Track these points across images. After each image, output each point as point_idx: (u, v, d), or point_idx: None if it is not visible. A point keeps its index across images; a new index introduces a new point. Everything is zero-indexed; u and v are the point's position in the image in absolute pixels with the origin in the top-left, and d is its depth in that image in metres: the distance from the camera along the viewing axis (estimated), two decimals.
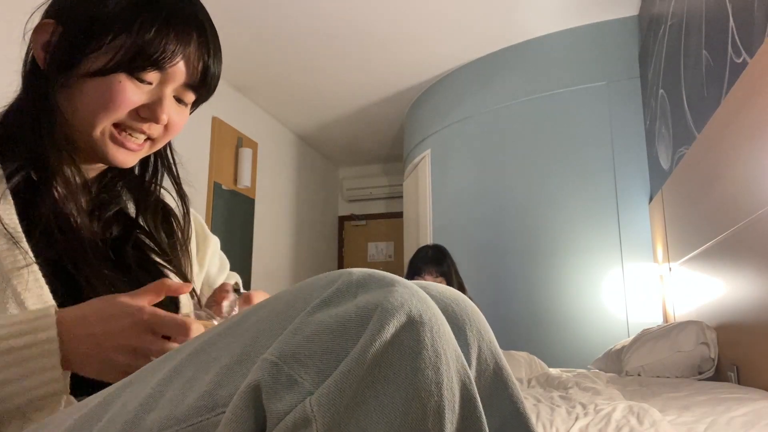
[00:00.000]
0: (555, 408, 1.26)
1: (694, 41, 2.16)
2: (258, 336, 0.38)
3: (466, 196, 3.75)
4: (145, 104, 0.67)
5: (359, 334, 0.35)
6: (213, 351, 0.40)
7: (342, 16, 3.38)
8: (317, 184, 5.86)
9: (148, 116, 0.68)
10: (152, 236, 0.77)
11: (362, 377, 0.34)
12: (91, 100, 0.65)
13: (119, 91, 0.65)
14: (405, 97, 4.51)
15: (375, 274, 0.40)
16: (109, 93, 0.64)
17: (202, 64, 0.70)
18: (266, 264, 4.68)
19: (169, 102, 0.69)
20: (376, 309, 0.36)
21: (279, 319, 0.38)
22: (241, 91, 4.43)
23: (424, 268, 2.43)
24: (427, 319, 0.36)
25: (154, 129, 0.70)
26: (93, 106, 0.65)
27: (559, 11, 3.33)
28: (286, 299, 0.40)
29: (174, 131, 0.73)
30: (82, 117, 0.66)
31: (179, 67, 0.68)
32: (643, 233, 3.03)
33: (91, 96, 0.65)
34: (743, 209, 1.57)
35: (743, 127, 1.59)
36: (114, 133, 0.68)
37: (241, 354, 0.38)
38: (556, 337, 3.13)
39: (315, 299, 0.38)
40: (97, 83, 0.65)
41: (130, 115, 0.67)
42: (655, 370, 1.93)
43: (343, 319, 0.36)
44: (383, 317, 0.35)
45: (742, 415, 1.20)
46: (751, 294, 1.55)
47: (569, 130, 3.35)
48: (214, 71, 0.71)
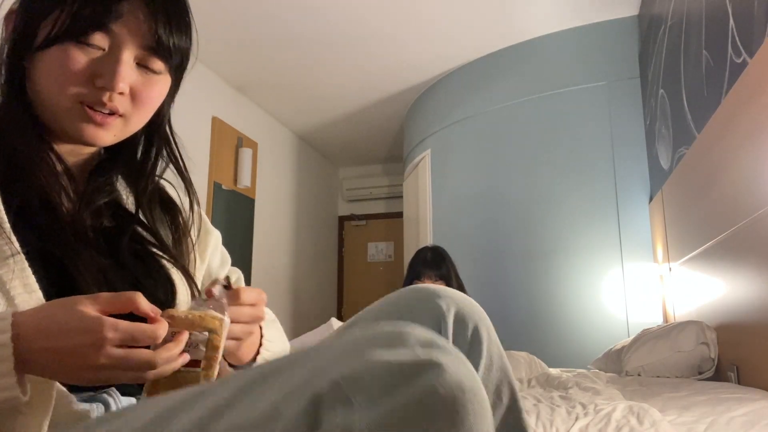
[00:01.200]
0: (555, 408, 1.26)
1: (694, 41, 2.16)
2: (323, 365, 0.40)
3: (466, 196, 3.75)
4: (99, 72, 0.64)
5: (411, 383, 0.37)
6: (282, 375, 0.42)
7: (342, 17, 3.38)
8: (317, 184, 5.86)
9: (104, 84, 0.64)
10: (150, 228, 0.75)
11: (408, 419, 0.36)
12: (46, 74, 0.64)
13: (65, 58, 0.63)
14: (405, 97, 4.51)
15: (439, 342, 0.42)
16: (57, 63, 0.63)
17: (155, 22, 0.65)
18: (266, 264, 4.68)
19: (127, 68, 0.65)
20: (431, 368, 0.38)
21: (345, 352, 0.41)
22: (241, 91, 4.43)
23: (423, 271, 2.42)
24: (472, 394, 0.39)
25: (119, 101, 0.66)
26: (48, 80, 0.64)
27: (559, 11, 3.33)
28: (353, 337, 0.43)
29: (145, 104, 0.69)
30: (44, 95, 0.65)
31: (128, 27, 0.64)
32: (643, 233, 3.03)
33: (45, 70, 0.64)
34: (743, 209, 1.57)
35: (743, 127, 1.59)
36: (82, 109, 0.65)
37: (308, 376, 0.40)
38: (556, 337, 3.13)
39: (380, 340, 0.41)
40: (47, 57, 0.63)
41: (88, 86, 0.64)
42: (655, 370, 1.93)
43: (401, 364, 0.38)
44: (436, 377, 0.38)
45: (742, 415, 1.20)
46: (751, 294, 1.55)
47: (569, 130, 3.35)
48: (171, 29, 0.67)
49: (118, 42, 0.64)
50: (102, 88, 0.64)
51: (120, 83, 0.64)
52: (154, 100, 0.70)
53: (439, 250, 2.48)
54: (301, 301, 5.29)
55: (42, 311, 0.52)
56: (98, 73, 0.64)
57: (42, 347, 0.50)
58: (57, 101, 0.64)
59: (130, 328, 0.51)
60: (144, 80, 0.68)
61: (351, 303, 6.10)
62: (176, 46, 0.68)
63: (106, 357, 0.51)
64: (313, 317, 5.52)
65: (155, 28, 0.65)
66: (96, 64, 0.64)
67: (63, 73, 0.63)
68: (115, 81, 0.64)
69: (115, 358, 0.51)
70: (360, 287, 6.12)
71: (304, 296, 5.38)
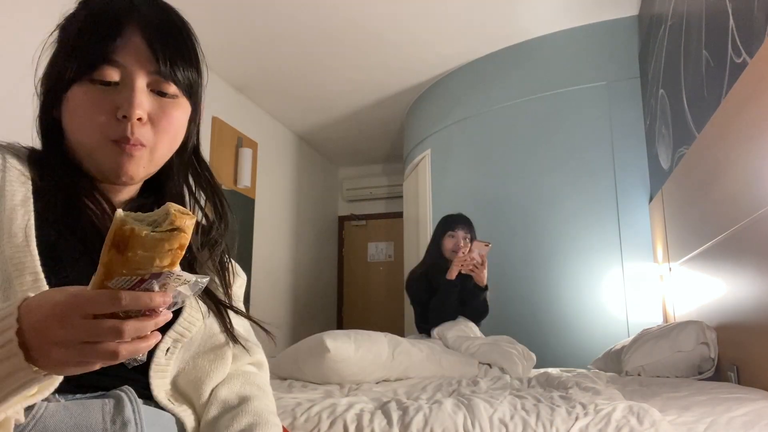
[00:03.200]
0: (555, 408, 1.26)
1: (694, 41, 2.16)
2: None
3: (466, 196, 3.75)
4: (118, 103, 0.67)
5: None
6: None
7: (342, 16, 3.38)
8: (317, 184, 5.86)
9: (123, 113, 0.67)
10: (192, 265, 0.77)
11: None
12: (72, 114, 0.69)
13: (85, 95, 0.67)
14: (405, 97, 4.51)
15: None
16: (80, 101, 0.68)
17: (153, 47, 0.69)
18: (266, 264, 4.68)
19: (142, 95, 0.68)
20: None
21: None
22: (241, 91, 4.43)
23: (457, 225, 2.67)
24: None
25: (140, 132, 0.69)
26: (75, 119, 0.69)
27: (559, 11, 3.33)
28: None
29: (166, 130, 0.71)
30: (77, 135, 0.70)
31: (132, 56, 0.68)
32: (643, 233, 3.03)
33: (71, 110, 0.69)
34: (743, 209, 1.57)
35: (743, 127, 1.59)
36: (110, 144, 0.69)
37: None
38: (556, 337, 3.13)
39: None
40: (71, 98, 0.68)
41: (110, 120, 0.68)
42: (655, 370, 1.93)
43: None
44: None
45: (742, 415, 1.20)
46: (751, 294, 1.55)
47: (569, 130, 3.35)
48: (171, 51, 0.70)
49: (128, 72, 0.68)
50: (123, 117, 0.67)
51: (137, 109, 0.67)
52: (174, 125, 0.72)
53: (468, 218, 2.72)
54: (301, 301, 5.29)
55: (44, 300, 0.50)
56: (117, 104, 0.68)
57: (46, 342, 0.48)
58: (88, 140, 0.69)
59: (91, 293, 0.47)
60: (160, 105, 0.71)
61: (351, 303, 6.10)
62: (179, 67, 0.71)
63: (71, 327, 0.46)
64: (313, 317, 5.52)
65: (156, 53, 0.69)
66: (114, 97, 0.68)
67: (87, 109, 0.67)
68: (132, 108, 0.67)
69: (77, 329, 0.47)
70: (360, 287, 6.12)
71: (304, 296, 5.38)
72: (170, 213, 0.48)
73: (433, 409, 1.26)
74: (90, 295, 0.47)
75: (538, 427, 1.19)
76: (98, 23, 0.68)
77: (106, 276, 0.47)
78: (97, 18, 0.69)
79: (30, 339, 0.48)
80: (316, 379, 1.83)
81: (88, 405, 0.61)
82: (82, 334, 0.47)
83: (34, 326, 0.48)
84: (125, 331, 0.47)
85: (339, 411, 1.27)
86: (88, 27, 0.68)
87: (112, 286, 0.47)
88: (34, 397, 0.55)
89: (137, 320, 0.48)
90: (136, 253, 0.46)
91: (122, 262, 0.47)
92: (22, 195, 0.66)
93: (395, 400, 1.37)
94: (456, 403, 1.30)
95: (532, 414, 1.24)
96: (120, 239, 0.46)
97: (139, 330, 0.48)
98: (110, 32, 0.68)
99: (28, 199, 0.66)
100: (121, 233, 0.46)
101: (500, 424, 1.21)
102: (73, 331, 0.46)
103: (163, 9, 0.74)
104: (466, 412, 1.25)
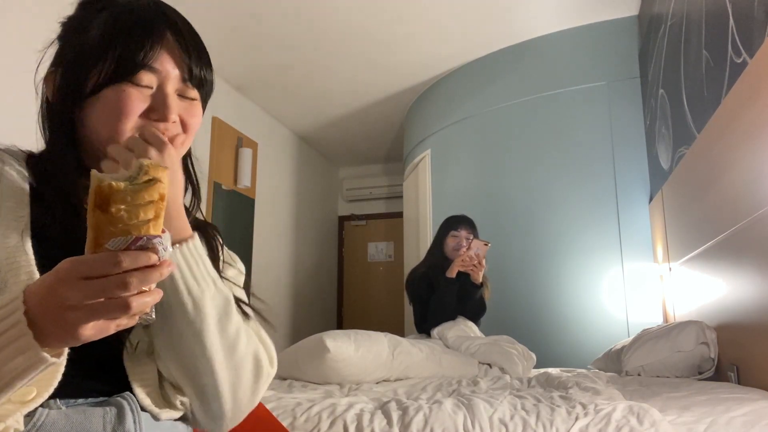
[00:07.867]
0: (555, 408, 1.26)
1: (694, 41, 2.16)
2: None
3: (466, 196, 3.75)
4: (152, 107, 0.71)
5: None
6: None
7: (342, 17, 3.38)
8: (317, 184, 5.86)
9: (158, 117, 0.72)
10: None
11: None
12: (101, 114, 0.70)
13: (122, 95, 0.69)
14: (405, 97, 4.51)
15: None
16: (114, 101, 0.69)
17: (188, 57, 0.74)
18: (266, 264, 4.68)
19: (174, 100, 0.73)
20: None
21: None
22: (241, 91, 4.43)
23: (460, 225, 2.71)
24: None
25: (170, 130, 0.73)
26: (104, 119, 0.70)
27: (559, 11, 3.33)
28: None
29: (191, 129, 0.76)
30: (101, 134, 0.70)
31: (168, 64, 0.72)
32: (643, 233, 3.03)
33: (100, 110, 0.70)
34: (743, 209, 1.57)
35: (743, 127, 1.59)
36: None
37: None
38: (556, 337, 3.13)
39: None
40: (101, 99, 0.70)
41: (144, 121, 0.71)
42: (655, 370, 1.93)
43: None
44: None
45: (742, 415, 1.20)
46: (751, 294, 1.55)
47: (569, 130, 3.35)
48: (201, 61, 0.76)
49: (163, 78, 0.72)
50: (157, 120, 0.72)
51: (172, 114, 0.72)
52: (196, 125, 0.78)
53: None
54: (301, 301, 5.29)
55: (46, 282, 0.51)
56: (152, 108, 0.71)
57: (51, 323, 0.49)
58: (118, 138, 0.70)
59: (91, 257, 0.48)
60: (186, 107, 0.75)
61: (351, 303, 6.10)
62: (205, 76, 0.77)
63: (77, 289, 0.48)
64: (314, 317, 5.52)
65: (189, 62, 0.74)
66: (149, 100, 0.72)
67: (122, 109, 0.70)
68: (168, 112, 0.72)
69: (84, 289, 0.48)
70: (360, 287, 6.12)
71: (304, 296, 5.38)
72: (144, 165, 0.50)
73: (433, 409, 1.26)
74: (90, 260, 0.48)
75: (538, 427, 1.20)
76: (133, 29, 0.71)
77: (96, 237, 0.49)
78: (129, 23, 0.71)
79: (39, 315, 0.49)
80: (316, 379, 1.83)
81: (89, 413, 0.61)
82: (89, 292, 0.48)
83: (40, 302, 0.49)
84: (131, 282, 0.48)
85: (339, 411, 1.27)
86: (121, 32, 0.70)
87: (111, 247, 0.49)
88: (33, 402, 0.55)
89: (141, 271, 0.49)
90: (119, 208, 0.48)
91: (108, 219, 0.48)
92: (19, 196, 0.67)
93: (395, 400, 1.37)
94: (456, 403, 1.30)
95: (532, 414, 1.24)
96: (100, 198, 0.48)
97: (143, 280, 0.49)
98: (149, 39, 0.71)
99: (25, 201, 0.67)
100: (100, 191, 0.48)
101: (500, 424, 1.21)
102: (81, 291, 0.48)
103: (179, 13, 0.77)
104: (466, 412, 1.25)
